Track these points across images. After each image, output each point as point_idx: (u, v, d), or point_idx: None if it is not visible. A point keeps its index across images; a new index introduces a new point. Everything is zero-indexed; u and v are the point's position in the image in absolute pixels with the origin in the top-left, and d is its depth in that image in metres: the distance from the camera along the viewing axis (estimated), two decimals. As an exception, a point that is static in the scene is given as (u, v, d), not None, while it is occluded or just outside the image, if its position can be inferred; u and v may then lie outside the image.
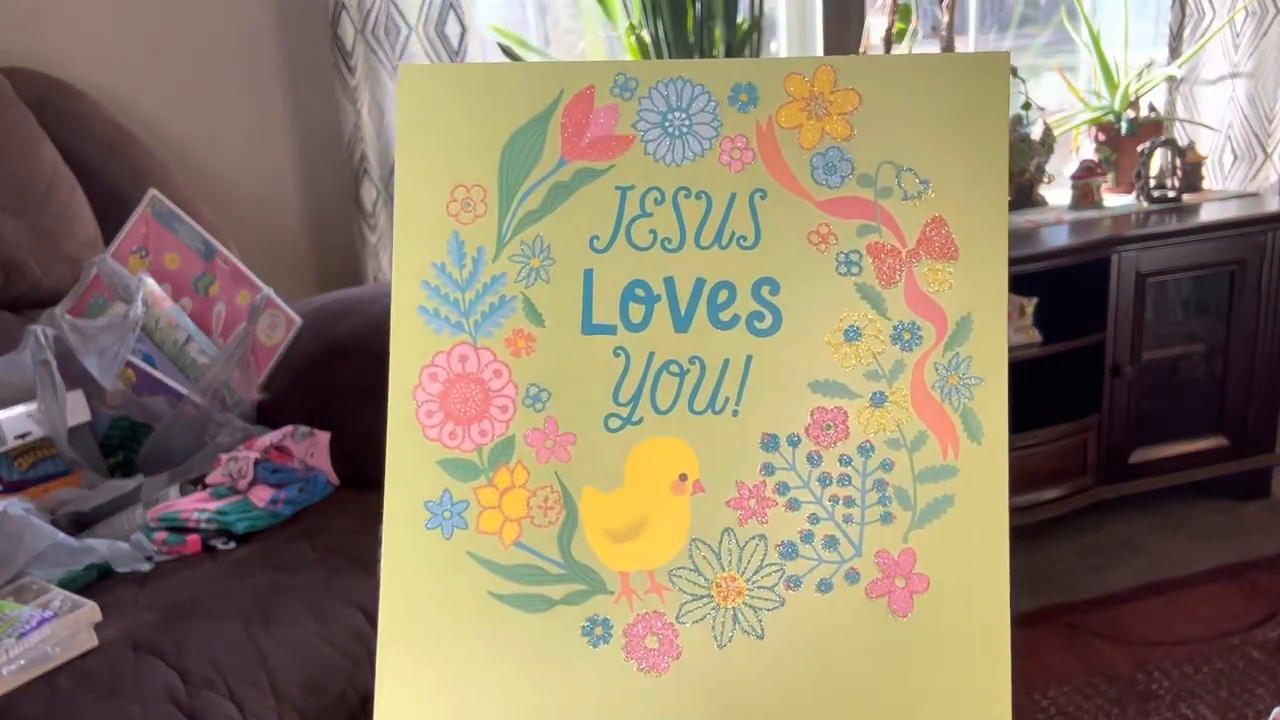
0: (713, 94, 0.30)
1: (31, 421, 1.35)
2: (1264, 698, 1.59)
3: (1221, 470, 2.14)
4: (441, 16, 1.90)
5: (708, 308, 0.30)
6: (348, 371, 1.49)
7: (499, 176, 0.30)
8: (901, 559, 0.29)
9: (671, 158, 0.30)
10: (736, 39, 1.94)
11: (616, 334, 0.30)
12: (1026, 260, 1.91)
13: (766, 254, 0.30)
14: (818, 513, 0.29)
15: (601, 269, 0.30)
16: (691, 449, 0.29)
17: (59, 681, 1.00)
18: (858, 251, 0.30)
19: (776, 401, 0.30)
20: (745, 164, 0.29)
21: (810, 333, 0.30)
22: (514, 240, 0.30)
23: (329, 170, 1.98)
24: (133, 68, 1.87)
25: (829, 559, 0.29)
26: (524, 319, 0.30)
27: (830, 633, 0.28)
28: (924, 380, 0.30)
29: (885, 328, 0.30)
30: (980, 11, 2.44)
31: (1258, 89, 2.25)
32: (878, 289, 0.30)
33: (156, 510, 1.28)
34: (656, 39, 1.95)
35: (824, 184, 0.30)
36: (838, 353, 0.30)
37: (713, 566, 0.29)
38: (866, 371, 0.30)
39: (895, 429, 0.29)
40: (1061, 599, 1.89)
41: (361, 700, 1.12)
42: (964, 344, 0.30)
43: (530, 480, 0.30)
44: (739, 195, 0.30)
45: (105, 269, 1.55)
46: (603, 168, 0.30)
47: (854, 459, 0.29)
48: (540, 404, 0.30)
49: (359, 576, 1.20)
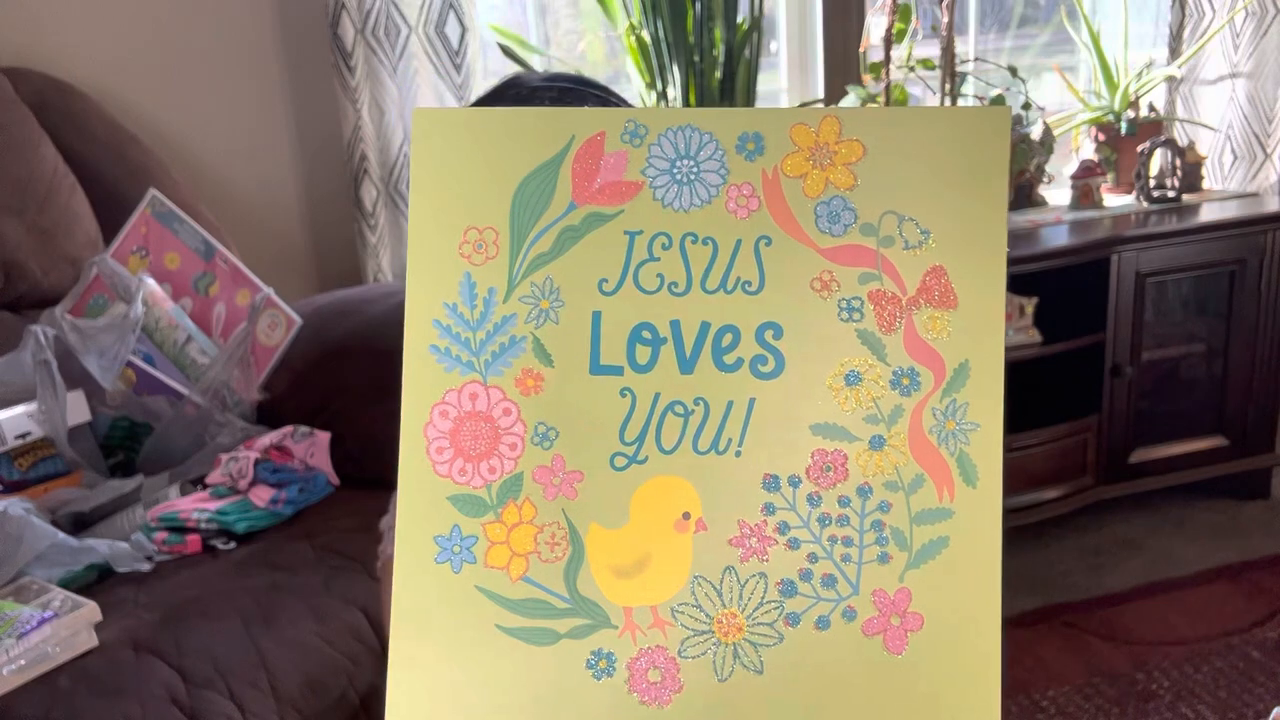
0: (720, 142, 0.30)
1: (32, 421, 1.35)
2: (1264, 697, 1.59)
3: (1221, 470, 2.14)
4: (441, 17, 1.90)
5: (712, 351, 0.30)
6: (348, 371, 1.49)
7: (511, 219, 0.30)
8: (897, 598, 0.30)
9: (679, 204, 0.30)
10: (736, 39, 1.95)
11: (623, 375, 0.30)
12: (1026, 260, 1.91)
13: (770, 299, 0.30)
14: (816, 552, 0.30)
15: (609, 311, 0.30)
16: (695, 488, 0.30)
17: (59, 681, 1.00)
18: (859, 298, 0.30)
19: (778, 443, 0.31)
20: (751, 211, 0.30)
21: (812, 377, 0.31)
22: (524, 282, 0.31)
23: (329, 170, 1.98)
24: (133, 68, 1.87)
25: (827, 597, 0.30)
26: (533, 359, 0.31)
27: (827, 669, 0.29)
28: (922, 425, 0.31)
29: (885, 373, 0.31)
30: (980, 11, 2.44)
31: (1257, 89, 2.25)
32: (878, 335, 0.31)
33: (156, 510, 1.29)
34: (656, 39, 1.95)
35: (827, 232, 0.30)
36: (838, 396, 0.31)
37: (714, 603, 0.30)
38: (866, 415, 0.30)
39: (893, 472, 0.30)
40: (1061, 599, 1.89)
41: (362, 700, 1.12)
42: (961, 390, 0.31)
43: (538, 516, 0.30)
44: (744, 241, 0.30)
45: (105, 269, 1.55)
46: (612, 213, 0.31)
47: (853, 500, 0.30)
48: (548, 442, 0.30)
49: (359, 576, 1.20)
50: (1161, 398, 2.10)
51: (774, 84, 2.33)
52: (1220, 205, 2.14)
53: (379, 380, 1.43)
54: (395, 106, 1.89)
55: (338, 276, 1.99)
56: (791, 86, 2.34)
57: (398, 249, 1.98)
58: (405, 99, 1.90)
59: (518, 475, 0.30)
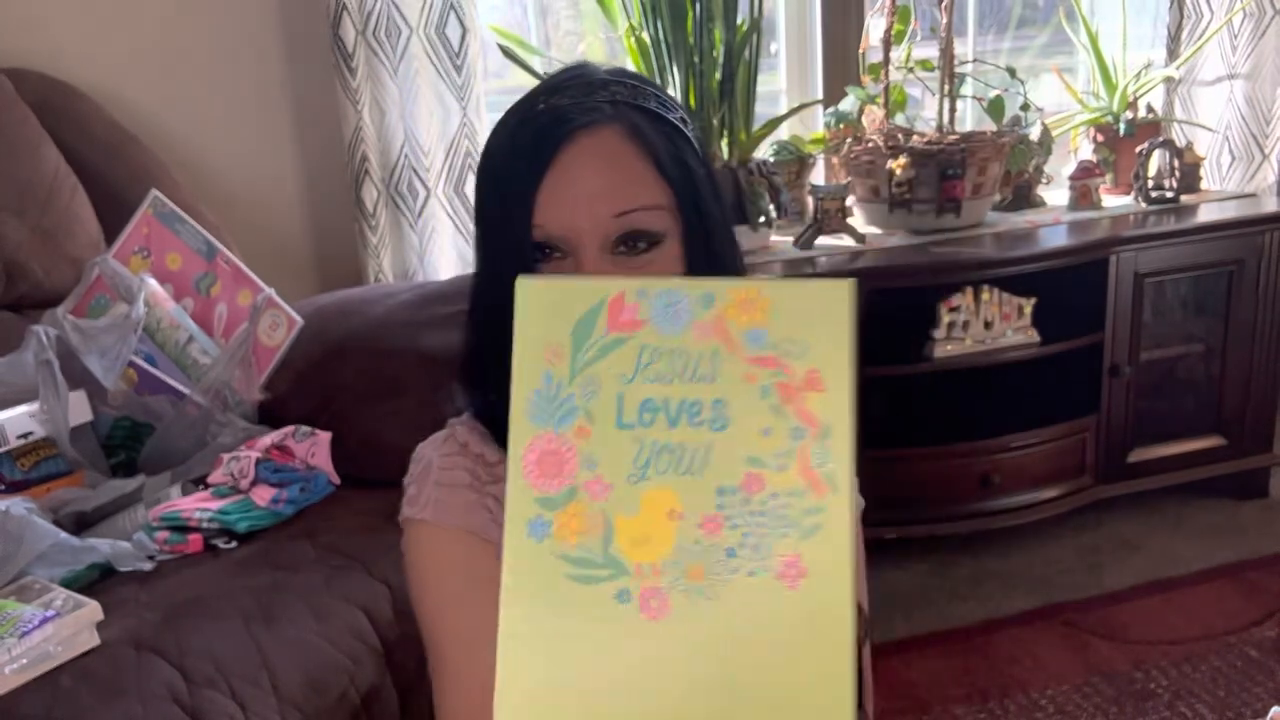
0: (690, 298, 0.53)
1: (34, 421, 1.35)
2: (1261, 696, 1.60)
3: (1219, 470, 2.14)
4: (442, 18, 1.90)
5: (688, 415, 0.53)
6: (349, 371, 1.49)
7: (571, 341, 0.53)
8: (794, 558, 0.51)
9: (667, 332, 0.53)
10: (736, 40, 1.95)
11: (635, 429, 0.53)
12: (1025, 261, 1.92)
13: (719, 385, 0.53)
14: (748, 531, 0.52)
15: (627, 393, 0.53)
16: (677, 495, 0.52)
17: (61, 680, 1.01)
18: (770, 386, 0.52)
19: (725, 468, 0.52)
20: (708, 334, 0.53)
21: (746, 431, 0.52)
22: (580, 375, 0.53)
23: (330, 171, 1.98)
24: (135, 69, 1.88)
25: (754, 558, 0.51)
26: (583, 419, 0.53)
27: (754, 599, 0.51)
28: (807, 458, 0.52)
29: (785, 429, 0.52)
30: (979, 13, 2.44)
31: (1255, 90, 2.25)
32: (782, 407, 0.52)
33: (158, 510, 1.29)
34: (656, 41, 1.96)
35: (751, 348, 0.53)
36: (760, 442, 0.52)
37: (689, 560, 0.52)
38: (776, 452, 0.52)
39: (792, 485, 0.52)
40: (1060, 598, 1.89)
41: (363, 699, 1.12)
42: (827, 440, 0.52)
43: (587, 510, 0.52)
44: (705, 352, 0.53)
45: (107, 269, 1.56)
46: (628, 337, 0.53)
47: (768, 501, 0.52)
48: (593, 467, 0.53)
49: (360, 576, 1.21)
50: (1160, 398, 2.11)
51: (774, 85, 2.34)
52: (1218, 206, 2.14)
53: (380, 380, 1.44)
54: (396, 107, 1.90)
55: (339, 277, 1.99)
56: (791, 87, 2.35)
57: (398, 249, 1.98)
58: (406, 99, 1.91)
59: (574, 486, 0.53)
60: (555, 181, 0.67)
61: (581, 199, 0.67)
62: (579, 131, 0.67)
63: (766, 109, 2.24)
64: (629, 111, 0.69)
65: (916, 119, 2.14)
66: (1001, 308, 1.92)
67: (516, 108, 0.72)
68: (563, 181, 0.67)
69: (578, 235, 0.68)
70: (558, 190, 0.67)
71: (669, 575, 0.51)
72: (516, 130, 0.70)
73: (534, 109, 0.70)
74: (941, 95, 2.05)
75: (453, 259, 2.03)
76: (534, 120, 0.69)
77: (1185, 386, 2.15)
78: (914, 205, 2.00)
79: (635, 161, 0.68)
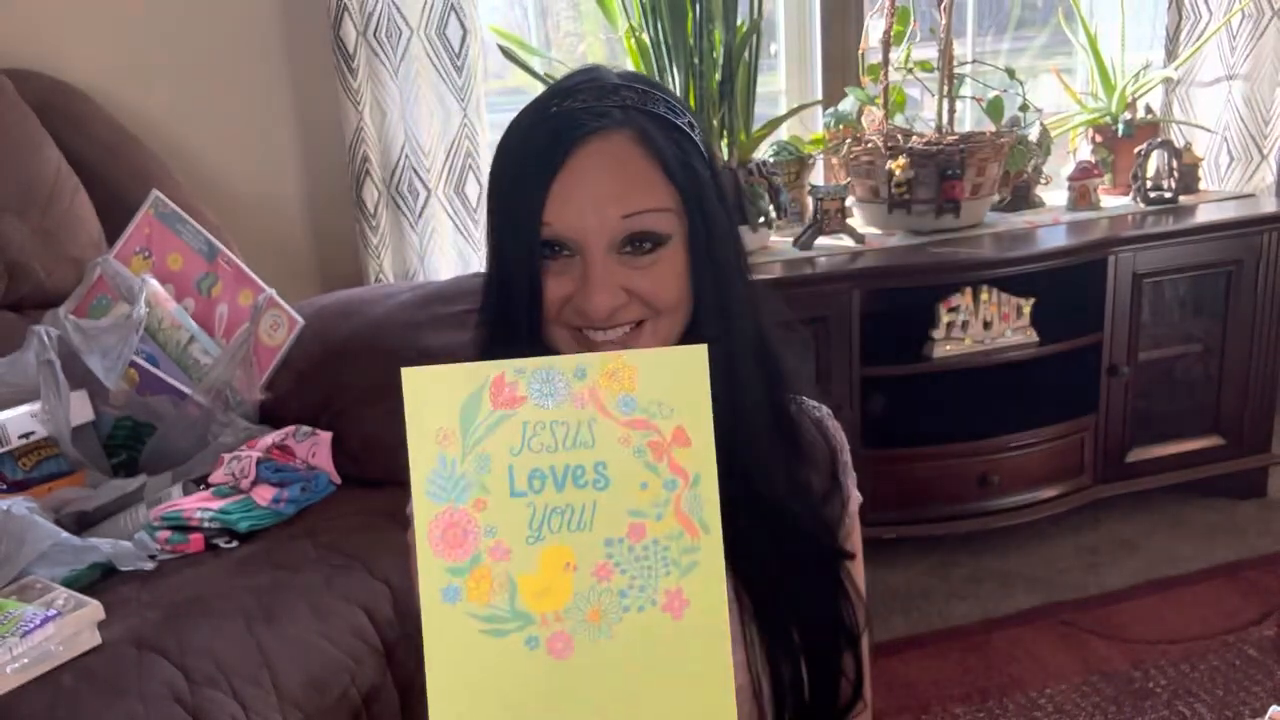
0: (564, 373, 0.58)
1: (35, 421, 1.36)
2: (1260, 695, 1.60)
3: (1217, 470, 2.15)
4: (443, 19, 1.90)
5: (573, 478, 0.59)
6: (349, 371, 1.50)
7: (460, 423, 0.58)
8: (676, 591, 0.59)
9: (547, 405, 0.59)
10: (736, 41, 1.95)
11: (526, 496, 0.59)
12: (1024, 261, 1.92)
13: (598, 449, 0.59)
14: (635, 574, 0.59)
15: (516, 464, 0.59)
16: (571, 549, 0.59)
17: (62, 679, 1.01)
18: (643, 445, 0.59)
19: (610, 522, 0.59)
20: (584, 404, 0.59)
21: (625, 487, 0.59)
22: (471, 453, 0.58)
23: (331, 171, 1.99)
24: (136, 70, 1.88)
25: (642, 596, 0.59)
26: (480, 492, 0.58)
27: (646, 630, 0.58)
28: (681, 506, 0.59)
29: (660, 482, 0.59)
30: (978, 13, 2.45)
31: (1254, 91, 2.26)
32: (655, 463, 0.59)
33: (159, 509, 1.29)
34: (656, 42, 1.96)
35: (622, 414, 0.59)
36: (639, 496, 0.59)
37: (586, 604, 0.58)
38: (653, 503, 0.59)
39: (669, 530, 0.59)
40: (1058, 597, 1.90)
41: (363, 698, 1.13)
42: (697, 488, 0.59)
43: (492, 573, 0.58)
44: (583, 420, 0.59)
45: (108, 270, 1.56)
46: (512, 413, 0.59)
47: (650, 546, 0.59)
48: (493, 534, 0.58)
49: (361, 575, 1.21)
50: (1158, 397, 2.11)
51: (773, 86, 2.34)
52: (1217, 206, 2.15)
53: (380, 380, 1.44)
54: (397, 108, 1.90)
55: (339, 277, 1.99)
56: (790, 88, 2.35)
57: (399, 249, 1.99)
58: (407, 100, 1.91)
59: (479, 554, 0.58)
60: (566, 183, 0.69)
61: (591, 200, 0.69)
62: (591, 135, 0.69)
63: (766, 110, 2.25)
64: (638, 116, 0.71)
65: (916, 120, 2.15)
66: (1000, 308, 1.93)
67: (530, 109, 0.74)
68: (573, 183, 0.69)
69: (586, 235, 0.70)
70: (568, 191, 0.69)
71: (571, 620, 0.58)
72: (530, 131, 0.72)
73: (547, 111, 0.72)
74: (941, 96, 2.05)
75: (453, 259, 2.03)
76: (547, 122, 0.71)
77: (1184, 386, 2.15)
78: (913, 206, 2.00)
79: (643, 165, 0.70)
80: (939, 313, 1.89)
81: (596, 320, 0.71)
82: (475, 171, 2.00)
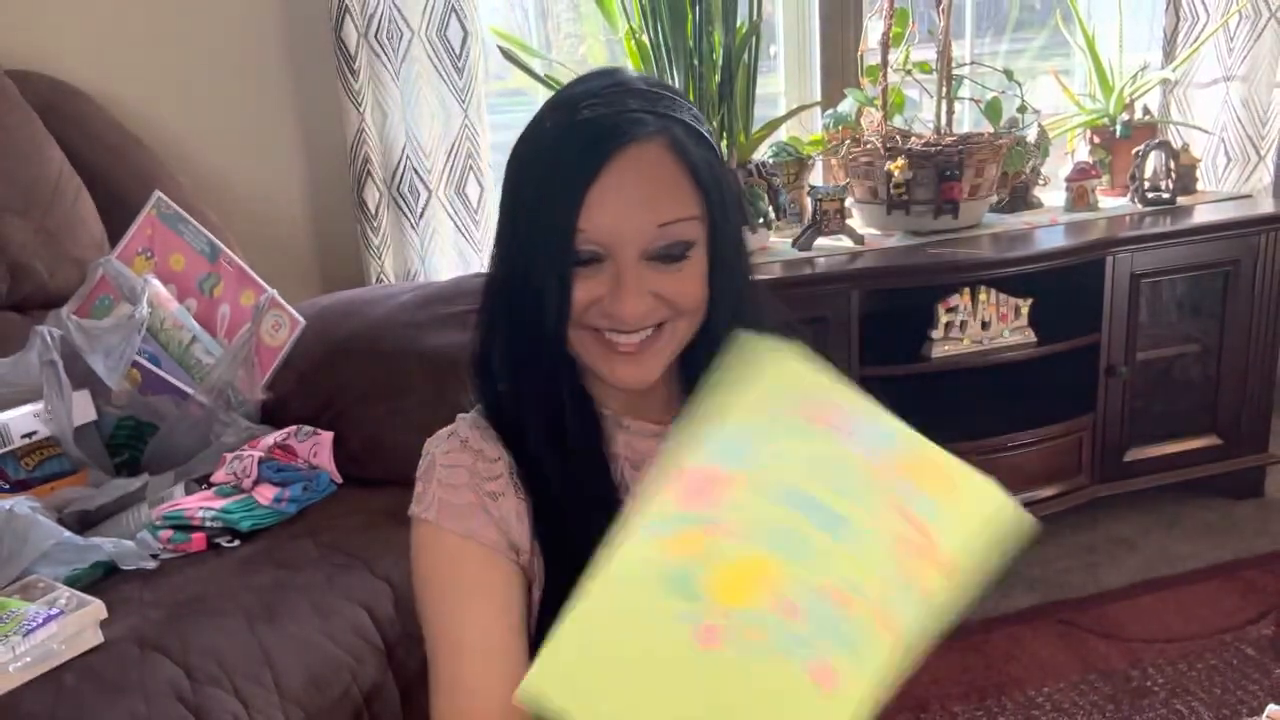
0: (900, 434, 0.59)
1: (38, 421, 1.36)
2: (1257, 694, 1.61)
3: (1215, 469, 2.15)
4: (444, 21, 1.91)
5: (832, 526, 0.56)
6: (350, 371, 1.50)
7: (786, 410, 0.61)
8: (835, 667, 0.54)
9: (864, 453, 0.61)
10: (735, 43, 1.96)
11: (784, 507, 0.57)
12: (1022, 261, 1.92)
13: (873, 520, 0.58)
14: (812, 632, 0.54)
15: (801, 481, 0.58)
16: (780, 573, 0.56)
17: (65, 678, 1.01)
18: (910, 546, 0.58)
19: (824, 573, 0.56)
20: (891, 475, 0.59)
21: (863, 563, 0.56)
22: (774, 442, 0.61)
23: (332, 172, 1.99)
24: (138, 71, 1.89)
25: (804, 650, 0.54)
26: (750, 472, 0.59)
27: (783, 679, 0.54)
28: (891, 611, 0.57)
29: (896, 582, 0.57)
30: (976, 15, 2.46)
31: (1251, 92, 2.26)
32: (904, 562, 0.58)
33: (162, 509, 1.30)
34: (656, 43, 1.97)
35: (912, 506, 0.59)
36: (866, 575, 0.56)
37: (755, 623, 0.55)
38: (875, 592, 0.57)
39: (868, 618, 0.56)
40: (1056, 596, 1.90)
41: (365, 697, 1.13)
42: (920, 611, 0.57)
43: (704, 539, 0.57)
44: (877, 486, 0.58)
45: (111, 270, 1.57)
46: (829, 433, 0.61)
47: (842, 617, 0.56)
48: (731, 510, 0.58)
49: (362, 574, 1.22)
50: (1156, 397, 2.12)
51: (773, 87, 2.35)
52: (1214, 207, 2.15)
53: (381, 380, 1.44)
54: (398, 109, 1.91)
55: (341, 278, 2.00)
56: (790, 90, 2.36)
57: (400, 250, 1.99)
58: (408, 101, 1.92)
59: (709, 516, 0.57)
60: (603, 190, 0.69)
61: (627, 208, 0.69)
62: (628, 144, 0.69)
63: (766, 111, 2.25)
64: (671, 124, 0.71)
65: (914, 121, 2.15)
66: (999, 308, 1.93)
67: (552, 114, 0.73)
68: (610, 190, 0.69)
69: (621, 242, 0.70)
70: (604, 198, 0.69)
71: (733, 624, 0.53)
72: (562, 136, 0.71)
73: (576, 115, 0.71)
74: (939, 97, 2.06)
75: (454, 260, 2.04)
76: (579, 128, 0.70)
77: (1181, 386, 2.15)
78: (912, 206, 2.01)
79: (675, 173, 0.71)
80: (937, 313, 1.89)
81: (626, 325, 0.71)
82: (476, 172, 2.00)
